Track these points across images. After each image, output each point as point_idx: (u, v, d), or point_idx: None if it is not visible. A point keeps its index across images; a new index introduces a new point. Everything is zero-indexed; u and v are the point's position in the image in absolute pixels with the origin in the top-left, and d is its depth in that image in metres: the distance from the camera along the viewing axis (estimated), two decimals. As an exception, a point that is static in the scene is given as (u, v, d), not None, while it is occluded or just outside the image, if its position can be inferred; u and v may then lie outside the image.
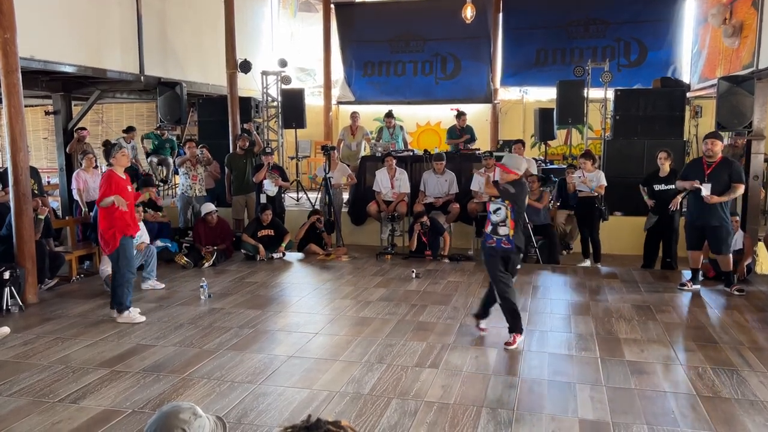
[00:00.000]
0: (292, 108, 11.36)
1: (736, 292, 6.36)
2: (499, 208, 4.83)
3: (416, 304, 6.06)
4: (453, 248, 8.50)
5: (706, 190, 6.28)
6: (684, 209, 6.80)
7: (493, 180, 5.08)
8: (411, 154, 9.85)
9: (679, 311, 5.85)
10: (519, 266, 4.98)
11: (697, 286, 6.57)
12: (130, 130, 10.84)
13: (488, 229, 4.87)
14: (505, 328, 4.93)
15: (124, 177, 5.78)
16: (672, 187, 7.04)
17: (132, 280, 5.73)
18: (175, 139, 11.24)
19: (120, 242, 5.61)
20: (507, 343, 4.77)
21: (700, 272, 6.74)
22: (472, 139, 10.75)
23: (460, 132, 10.71)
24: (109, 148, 9.97)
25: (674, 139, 9.08)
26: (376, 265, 7.90)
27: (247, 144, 9.31)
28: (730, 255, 6.44)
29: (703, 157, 6.49)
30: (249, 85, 11.31)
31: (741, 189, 6.46)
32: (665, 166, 7.31)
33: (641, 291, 6.59)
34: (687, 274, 6.91)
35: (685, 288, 6.55)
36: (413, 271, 7.27)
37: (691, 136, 11.81)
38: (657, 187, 7.34)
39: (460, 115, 10.74)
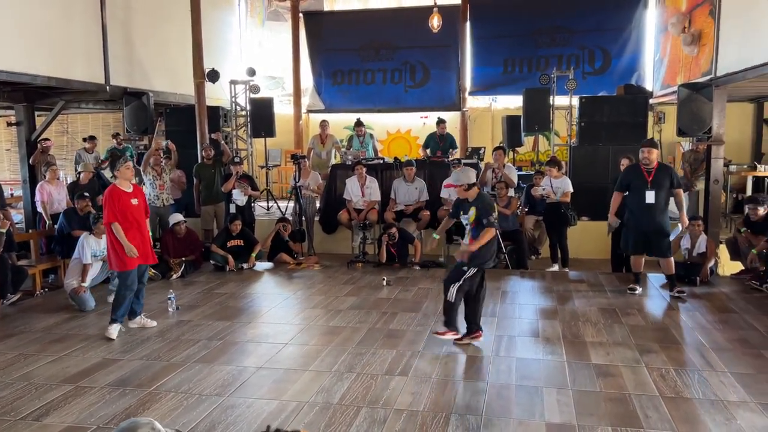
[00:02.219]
0: (261, 117, 11.32)
1: (677, 294, 6.52)
2: (467, 224, 4.98)
3: (387, 311, 6.08)
4: (424, 255, 8.54)
5: (650, 197, 6.42)
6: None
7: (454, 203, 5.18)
8: (381, 162, 9.88)
9: (643, 314, 5.96)
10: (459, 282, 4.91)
11: (640, 290, 6.70)
12: (91, 139, 10.64)
13: (466, 239, 5.01)
14: (484, 335, 5.07)
15: (129, 190, 5.55)
16: None
17: (131, 297, 5.60)
18: (131, 146, 11.01)
19: (129, 271, 5.47)
20: (437, 333, 5.04)
21: (673, 279, 6.87)
22: (453, 147, 10.82)
23: (440, 139, 10.76)
24: (114, 160, 9.80)
25: (638, 145, 9.25)
26: (348, 274, 7.91)
27: (212, 154, 9.25)
28: (672, 258, 6.60)
29: (640, 164, 6.60)
30: (217, 95, 11.25)
31: (682, 194, 6.65)
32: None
33: (607, 294, 6.71)
34: (654, 277, 7.05)
35: (635, 292, 6.68)
36: (384, 279, 7.29)
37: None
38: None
39: (441, 122, 10.80)
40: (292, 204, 9.82)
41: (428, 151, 10.70)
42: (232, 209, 8.89)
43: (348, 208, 9.07)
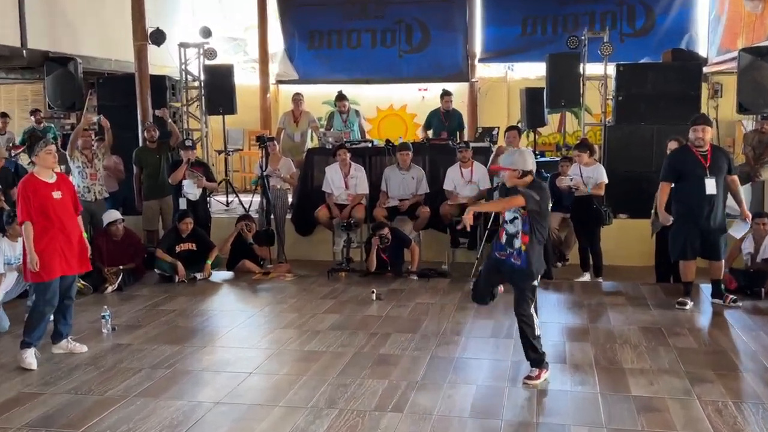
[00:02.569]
0: (219, 89, 11.27)
1: (731, 303, 6.60)
2: (515, 218, 4.87)
3: (377, 332, 6.09)
4: (423, 262, 8.55)
5: (711, 187, 6.47)
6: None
7: (500, 184, 5.14)
8: (370, 145, 9.87)
9: (696, 334, 6.01)
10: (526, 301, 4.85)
11: (691, 304, 6.76)
12: (2, 116, 10.57)
13: (502, 238, 4.92)
14: (488, 359, 5.04)
15: (51, 181, 5.49)
16: None
17: (50, 315, 5.58)
18: (54, 126, 10.93)
19: (48, 282, 5.41)
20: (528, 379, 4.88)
21: (722, 285, 6.94)
22: (460, 127, 10.82)
23: (445, 117, 10.76)
24: (33, 143, 9.67)
25: (688, 124, 9.30)
26: (328, 285, 7.91)
27: (156, 136, 9.22)
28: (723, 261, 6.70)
29: (690, 146, 6.67)
30: (163, 61, 11.21)
31: (738, 182, 6.75)
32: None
33: (651, 310, 6.75)
34: (707, 287, 7.11)
35: (686, 307, 6.73)
36: (373, 292, 7.30)
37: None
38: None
39: (446, 94, 10.78)
40: (257, 198, 9.80)
41: (430, 132, 10.71)
42: (183, 205, 8.84)
43: (328, 204, 9.06)
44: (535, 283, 4.87)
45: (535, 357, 4.90)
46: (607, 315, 6.61)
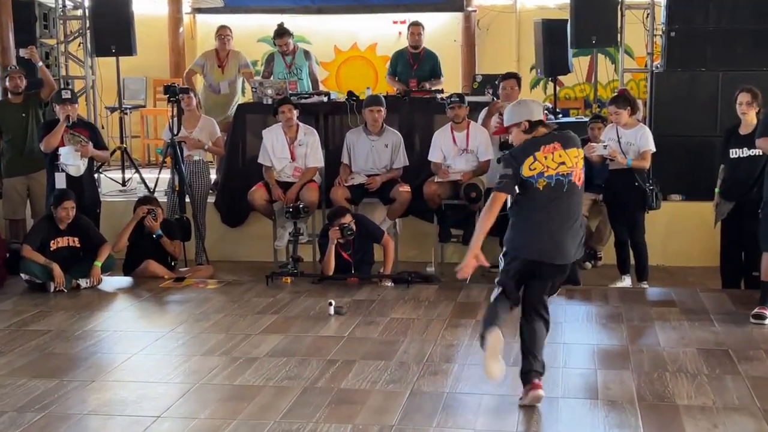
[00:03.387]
0: (111, 20, 11.14)
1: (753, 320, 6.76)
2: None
3: (336, 359, 6.09)
4: (401, 263, 8.57)
5: None
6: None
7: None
8: (325, 99, 9.88)
9: (775, 358, 6.11)
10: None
11: None
12: None
13: None
14: (490, 395, 5.09)
15: None
16: (759, 152, 7.29)
17: None
18: None
19: None
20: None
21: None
22: (434, 74, 10.81)
23: (413, 59, 10.78)
24: None
25: (767, 71, 9.40)
26: (267, 295, 7.91)
27: (22, 85, 9.15)
28: None
29: None
30: (31, -20, 11.07)
31: None
32: (749, 117, 7.53)
33: (714, 326, 6.81)
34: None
35: (766, 321, 6.80)
36: (331, 304, 7.30)
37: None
38: (735, 153, 7.58)
39: (414, 25, 10.75)
40: (166, 175, 9.76)
41: (397, 79, 10.72)
42: (61, 183, 8.78)
43: (266, 182, 9.06)
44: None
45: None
46: (655, 333, 6.66)
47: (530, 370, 5.09)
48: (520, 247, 5.12)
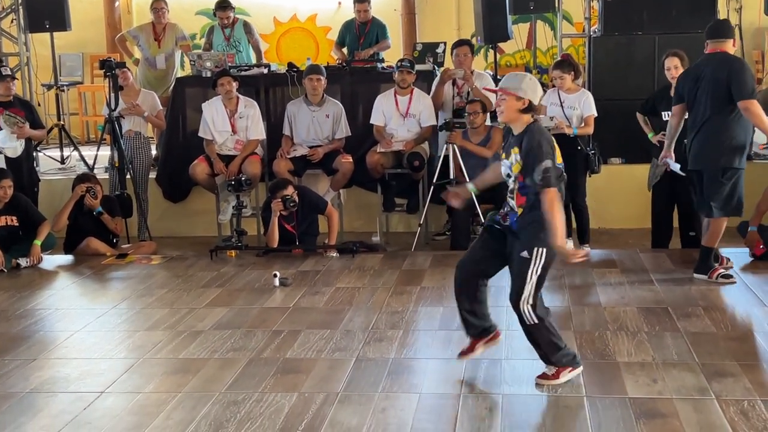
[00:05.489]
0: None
1: (721, 279, 6.87)
2: (508, 174, 4.95)
3: (281, 330, 6.11)
4: (345, 233, 8.58)
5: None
6: None
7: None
8: (265, 71, 9.85)
9: (712, 315, 6.18)
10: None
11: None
12: None
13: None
14: (436, 360, 5.12)
15: None
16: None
17: None
18: None
19: None
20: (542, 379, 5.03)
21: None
22: (383, 38, 10.77)
23: (359, 29, 10.73)
24: None
25: (701, 34, 9.50)
26: (211, 269, 7.91)
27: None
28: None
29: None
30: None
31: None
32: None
33: (654, 285, 6.93)
34: (733, 253, 7.39)
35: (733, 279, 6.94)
36: (276, 276, 7.32)
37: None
38: (666, 116, 7.62)
39: (360, 2, 10.67)
40: (106, 151, 9.67)
41: (345, 50, 10.69)
42: (-3, 163, 8.70)
43: (208, 155, 9.03)
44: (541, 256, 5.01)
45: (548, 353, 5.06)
46: (596, 293, 6.76)
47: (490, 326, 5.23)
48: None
